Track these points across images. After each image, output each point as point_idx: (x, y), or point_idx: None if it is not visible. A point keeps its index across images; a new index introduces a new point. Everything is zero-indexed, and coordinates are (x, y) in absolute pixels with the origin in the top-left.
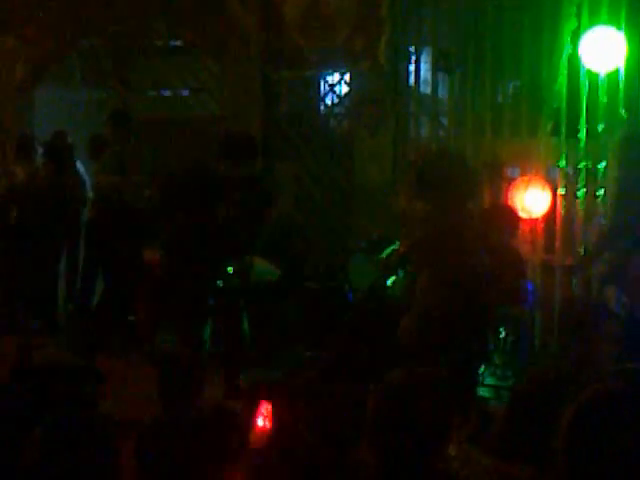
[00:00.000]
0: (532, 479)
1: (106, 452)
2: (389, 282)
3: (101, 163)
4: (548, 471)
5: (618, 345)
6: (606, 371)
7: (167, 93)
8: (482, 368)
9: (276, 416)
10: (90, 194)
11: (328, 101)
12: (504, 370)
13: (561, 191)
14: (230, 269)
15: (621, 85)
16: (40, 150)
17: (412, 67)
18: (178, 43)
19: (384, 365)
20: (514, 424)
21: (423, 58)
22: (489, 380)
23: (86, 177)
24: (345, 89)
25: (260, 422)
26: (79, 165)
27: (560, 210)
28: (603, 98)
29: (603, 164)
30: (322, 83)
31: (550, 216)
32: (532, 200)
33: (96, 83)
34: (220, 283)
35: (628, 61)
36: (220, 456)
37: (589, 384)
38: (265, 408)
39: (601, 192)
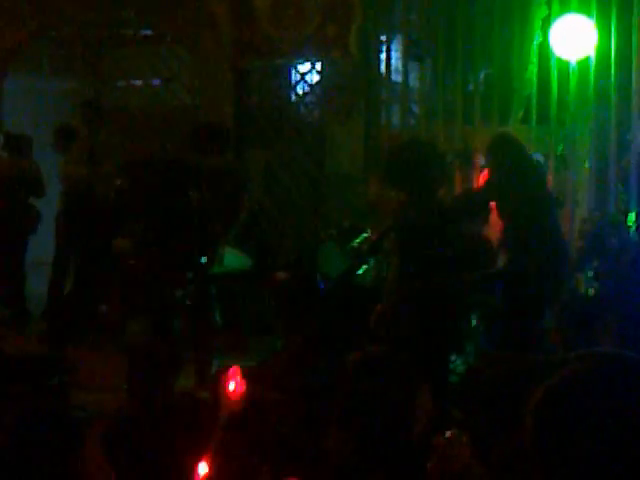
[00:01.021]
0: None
1: (74, 441)
2: (360, 270)
3: (70, 154)
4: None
5: (617, 339)
6: (574, 354)
7: (138, 83)
8: (454, 356)
9: (247, 392)
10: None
11: (299, 90)
12: (475, 358)
13: None
14: (204, 259)
15: (591, 73)
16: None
17: (383, 55)
18: (149, 32)
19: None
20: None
21: (394, 46)
22: (460, 368)
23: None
24: (316, 78)
25: (232, 386)
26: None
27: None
28: (574, 86)
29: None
30: (293, 72)
31: None
32: None
33: (66, 72)
34: (190, 274)
35: (598, 49)
36: (189, 444)
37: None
38: (235, 372)
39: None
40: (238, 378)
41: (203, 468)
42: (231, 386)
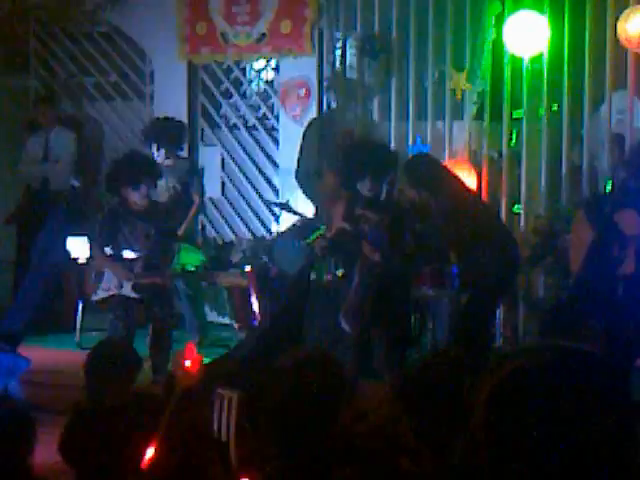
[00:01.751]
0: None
1: (26, 438)
2: (315, 268)
3: (25, 150)
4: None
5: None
6: (524, 347)
7: (93, 79)
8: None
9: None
10: None
11: (254, 86)
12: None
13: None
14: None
15: (544, 69)
16: None
17: (338, 52)
18: (103, 29)
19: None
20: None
21: (349, 43)
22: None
23: None
24: (271, 74)
25: (187, 363)
26: None
27: (485, 194)
28: (527, 82)
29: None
30: (248, 68)
31: None
32: None
33: (20, 69)
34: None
35: (551, 45)
36: (139, 441)
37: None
38: (191, 349)
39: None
40: (193, 355)
41: (149, 452)
42: (187, 363)
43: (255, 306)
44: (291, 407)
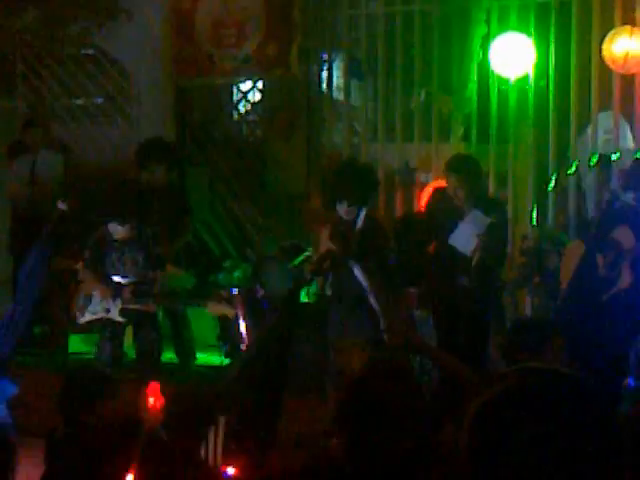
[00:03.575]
0: None
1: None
2: (304, 292)
3: (13, 172)
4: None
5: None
6: (506, 370)
7: (80, 101)
8: None
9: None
10: None
11: (241, 108)
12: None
13: None
14: None
15: (530, 90)
16: None
17: (325, 74)
18: (90, 51)
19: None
20: None
21: (336, 65)
22: None
23: None
24: (258, 96)
25: (151, 401)
26: None
27: None
28: (513, 103)
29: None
30: (235, 90)
31: None
32: None
33: (7, 91)
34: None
35: (537, 66)
36: (118, 462)
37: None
38: (154, 388)
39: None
40: (156, 394)
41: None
42: (150, 401)
43: (243, 329)
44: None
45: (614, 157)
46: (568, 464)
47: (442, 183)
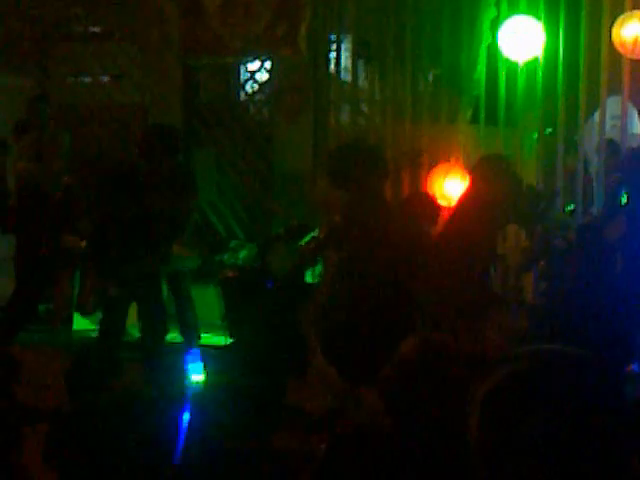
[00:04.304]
0: None
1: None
2: (308, 271)
3: (19, 149)
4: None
5: (503, 332)
6: (517, 351)
7: (87, 79)
8: None
9: None
10: None
11: (248, 88)
12: None
13: None
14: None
15: (539, 74)
16: None
17: (333, 55)
18: (97, 29)
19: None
20: None
21: (344, 46)
22: None
23: None
24: (265, 76)
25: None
26: None
27: None
28: (521, 86)
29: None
30: (242, 70)
31: None
32: (452, 187)
33: (14, 68)
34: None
35: (546, 50)
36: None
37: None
38: None
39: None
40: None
41: None
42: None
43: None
44: None
45: None
46: (581, 443)
47: (449, 166)
